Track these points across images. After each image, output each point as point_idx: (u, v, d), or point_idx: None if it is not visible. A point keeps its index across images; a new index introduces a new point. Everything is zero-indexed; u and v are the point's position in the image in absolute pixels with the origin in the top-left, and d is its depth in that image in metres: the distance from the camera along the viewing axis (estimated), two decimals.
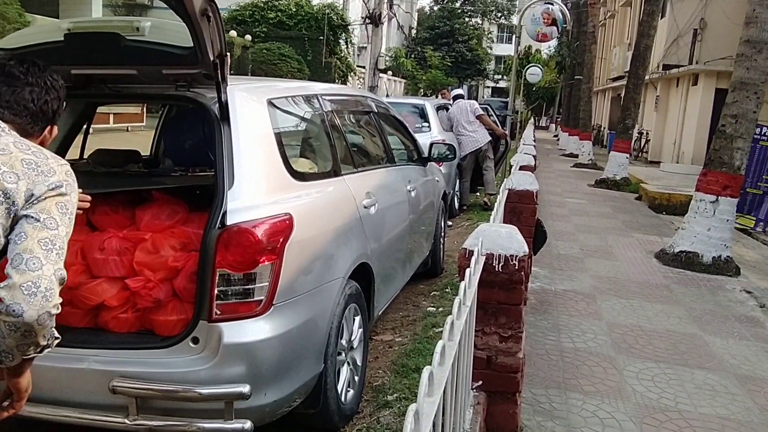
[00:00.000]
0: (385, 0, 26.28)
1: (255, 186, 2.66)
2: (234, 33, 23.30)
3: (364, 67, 29.38)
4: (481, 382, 2.77)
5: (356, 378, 3.33)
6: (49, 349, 1.69)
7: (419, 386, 1.26)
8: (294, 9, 26.22)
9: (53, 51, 2.66)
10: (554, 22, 13.14)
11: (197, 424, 2.37)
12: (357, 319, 3.31)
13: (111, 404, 2.38)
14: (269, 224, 2.54)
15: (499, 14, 58.59)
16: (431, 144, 5.66)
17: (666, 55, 19.07)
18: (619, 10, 28.89)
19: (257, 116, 2.87)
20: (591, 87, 22.00)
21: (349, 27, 28.07)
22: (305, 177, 3.07)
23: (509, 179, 4.94)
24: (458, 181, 9.54)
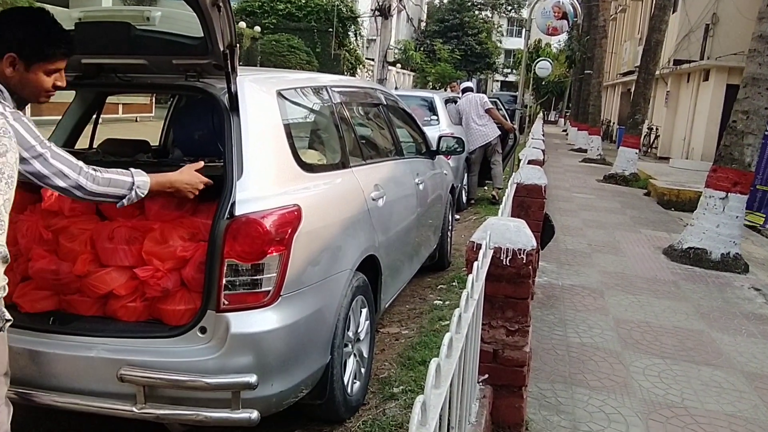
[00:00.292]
0: None
1: (264, 177, 2.67)
2: (243, 24, 23.30)
3: (373, 60, 29.32)
4: (488, 376, 2.77)
5: (362, 370, 3.34)
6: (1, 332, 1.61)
7: (426, 378, 1.26)
8: (303, 1, 26.17)
9: None
10: (565, 16, 13.08)
11: (204, 414, 2.39)
12: (364, 311, 3.31)
13: (119, 392, 2.40)
14: (278, 215, 2.54)
15: (509, 7, 58.30)
16: (440, 137, 5.65)
17: (677, 50, 18.96)
18: (630, 5, 28.70)
19: (266, 107, 2.87)
20: (601, 82, 21.88)
21: (359, 19, 28.01)
22: (314, 168, 3.07)
23: (518, 173, 4.93)
24: (466, 175, 9.52)
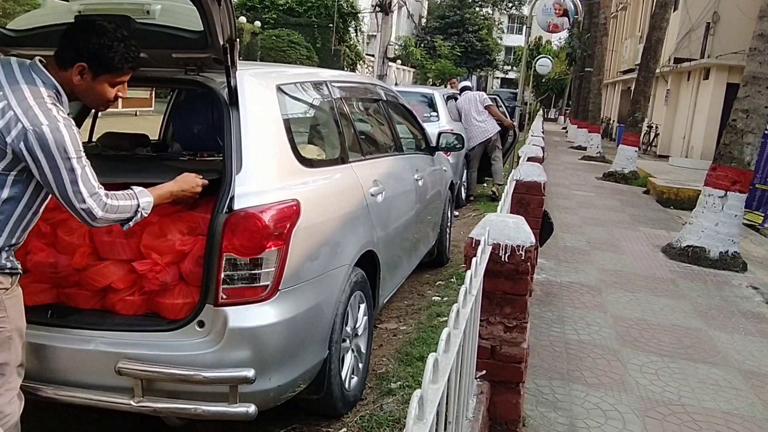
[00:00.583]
0: None
1: (263, 171, 2.66)
2: (244, 19, 23.27)
3: (373, 56, 29.25)
4: (485, 372, 2.77)
5: (360, 365, 3.34)
6: None
7: (424, 373, 1.26)
8: None
9: (48, 34, 2.65)
10: (566, 13, 13.06)
11: (202, 407, 2.39)
12: (362, 307, 3.32)
13: (116, 386, 2.40)
14: (276, 210, 2.54)
15: (510, 4, 58.14)
16: (439, 133, 5.65)
17: (678, 49, 18.93)
18: (631, 2, 28.68)
19: (266, 102, 2.87)
20: (601, 79, 21.86)
21: (359, 15, 27.97)
22: (313, 163, 3.07)
23: (517, 170, 4.93)
24: (465, 171, 9.52)
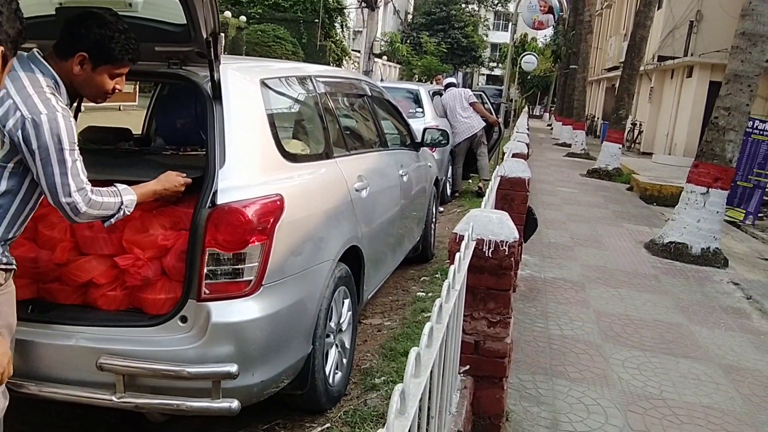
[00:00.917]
0: None
1: (246, 166, 2.65)
2: (229, 13, 23.09)
3: (359, 52, 29.19)
4: (469, 367, 2.78)
5: (344, 360, 3.34)
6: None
7: (406, 367, 1.26)
8: None
9: (44, 25, 2.62)
10: (551, 10, 13.11)
11: (184, 403, 2.38)
12: (346, 302, 3.31)
13: (98, 381, 2.38)
14: (260, 204, 2.53)
15: (496, 1, 58.25)
16: (424, 129, 5.65)
17: (661, 47, 19.07)
18: (616, 0, 28.82)
19: (250, 96, 2.85)
20: (586, 77, 21.99)
21: (345, 10, 27.87)
22: (297, 158, 3.06)
23: (502, 166, 4.94)
24: (451, 167, 9.54)
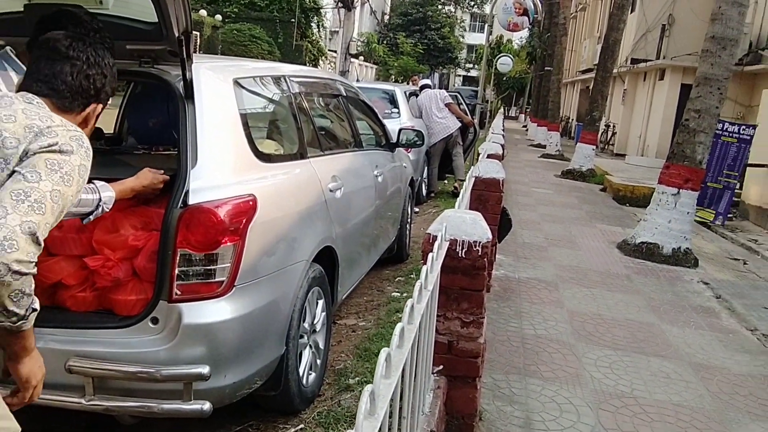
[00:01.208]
0: None
1: (219, 166, 2.63)
2: (204, 12, 22.92)
3: (336, 52, 29.16)
4: (442, 367, 2.79)
5: (318, 361, 3.33)
6: (27, 324, 1.56)
7: (376, 367, 1.26)
8: None
9: (12, 22, 2.57)
10: (525, 13, 13.21)
11: (155, 405, 2.35)
12: (320, 303, 3.30)
13: (67, 384, 2.35)
14: (232, 205, 2.51)
15: (472, 3, 58.62)
16: (400, 130, 5.66)
17: (634, 50, 19.32)
18: (590, 3, 29.14)
19: (223, 95, 2.83)
20: (560, 78, 22.18)
21: (321, 10, 27.81)
22: (270, 158, 3.05)
23: (476, 167, 4.97)
24: (426, 168, 9.57)
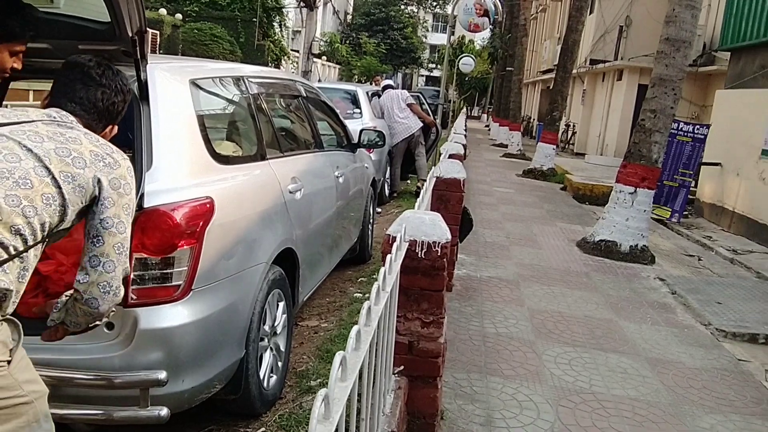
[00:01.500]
0: None
1: (175, 168, 2.60)
2: (164, 11, 22.57)
3: (298, 52, 29.00)
4: (403, 367, 2.79)
5: (279, 364, 3.32)
6: None
7: (331, 371, 1.26)
8: None
9: None
10: (486, 14, 13.30)
11: (110, 413, 2.31)
12: (281, 305, 3.29)
13: None
14: (189, 207, 2.48)
15: (435, 3, 58.82)
16: (361, 130, 5.66)
17: (593, 50, 19.65)
18: (550, 5, 29.54)
19: (179, 96, 2.79)
20: (521, 79, 22.45)
21: (284, 10, 27.63)
22: (228, 160, 3.01)
23: (437, 167, 4.99)
24: (389, 168, 9.58)
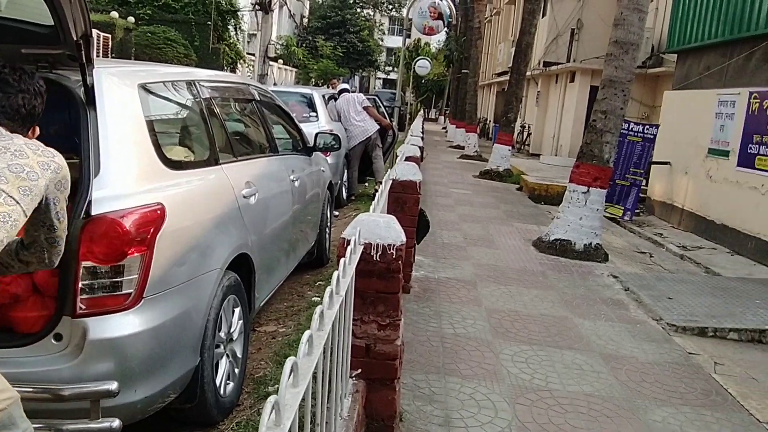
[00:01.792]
0: None
1: (124, 174, 2.55)
2: (116, 14, 22.18)
3: (254, 55, 28.78)
4: (360, 370, 2.79)
5: (236, 370, 3.28)
6: None
7: (281, 377, 1.25)
8: None
9: None
10: (441, 17, 13.38)
11: (60, 426, 2.25)
12: (237, 311, 3.25)
13: None
14: (139, 214, 2.44)
15: (390, 6, 59.12)
16: (317, 134, 5.64)
17: (546, 53, 19.99)
18: (504, 8, 29.93)
19: (127, 101, 2.75)
20: (477, 81, 22.69)
21: (239, 13, 27.40)
22: (180, 165, 2.97)
23: (393, 170, 5.01)
24: (346, 171, 9.58)
